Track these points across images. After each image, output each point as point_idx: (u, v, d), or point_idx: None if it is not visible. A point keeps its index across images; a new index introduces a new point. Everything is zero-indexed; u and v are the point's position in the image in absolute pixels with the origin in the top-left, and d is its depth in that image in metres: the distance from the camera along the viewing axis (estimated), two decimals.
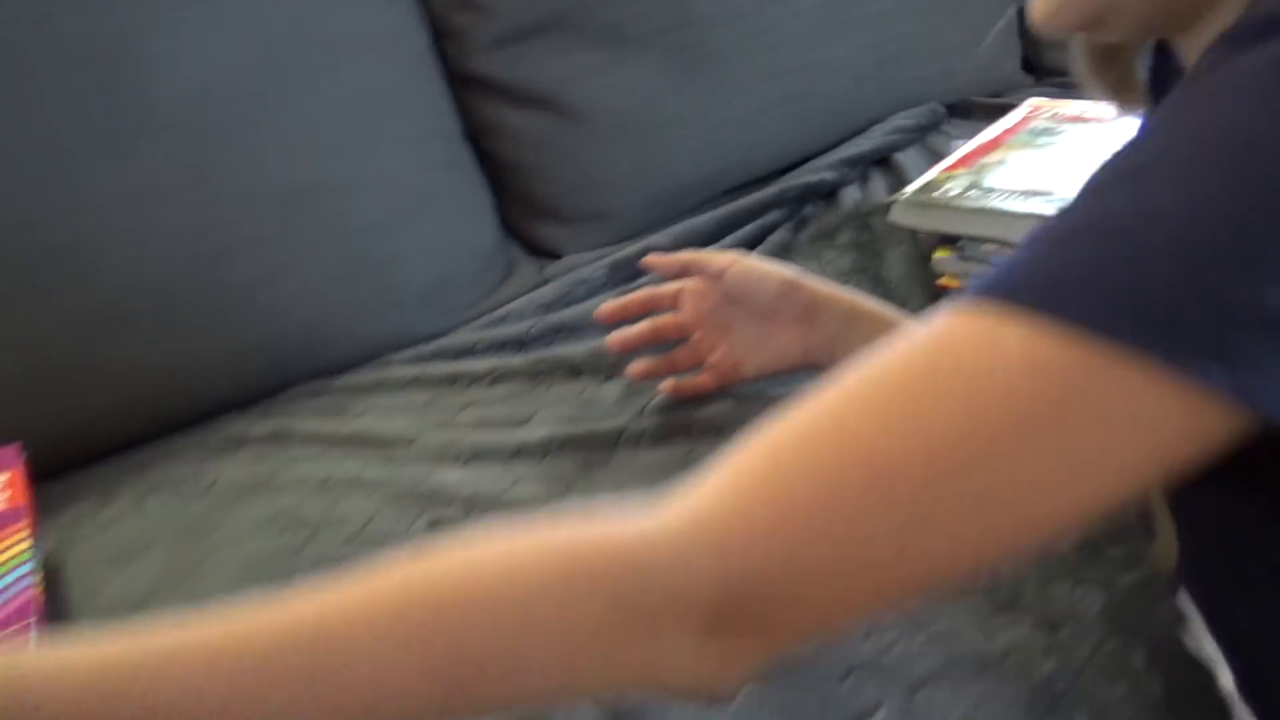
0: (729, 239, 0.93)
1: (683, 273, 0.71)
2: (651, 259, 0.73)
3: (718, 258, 0.71)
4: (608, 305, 0.72)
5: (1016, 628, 0.51)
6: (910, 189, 0.80)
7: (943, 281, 0.81)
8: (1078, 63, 0.44)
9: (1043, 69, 1.31)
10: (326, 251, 0.80)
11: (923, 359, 0.31)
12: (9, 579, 0.55)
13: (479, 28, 0.95)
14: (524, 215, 1.00)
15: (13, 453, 0.67)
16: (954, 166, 0.83)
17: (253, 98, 0.79)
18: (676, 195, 1.00)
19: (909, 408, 0.31)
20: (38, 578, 0.57)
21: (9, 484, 0.64)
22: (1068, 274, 0.29)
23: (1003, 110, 1.20)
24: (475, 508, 0.63)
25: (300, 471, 0.69)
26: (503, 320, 0.85)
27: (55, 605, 0.60)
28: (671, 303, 0.71)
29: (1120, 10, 0.36)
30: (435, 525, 0.62)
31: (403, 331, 0.83)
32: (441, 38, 0.96)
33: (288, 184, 0.79)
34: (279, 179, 0.79)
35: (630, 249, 0.91)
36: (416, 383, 0.78)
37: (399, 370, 0.80)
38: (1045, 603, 0.52)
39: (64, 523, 0.67)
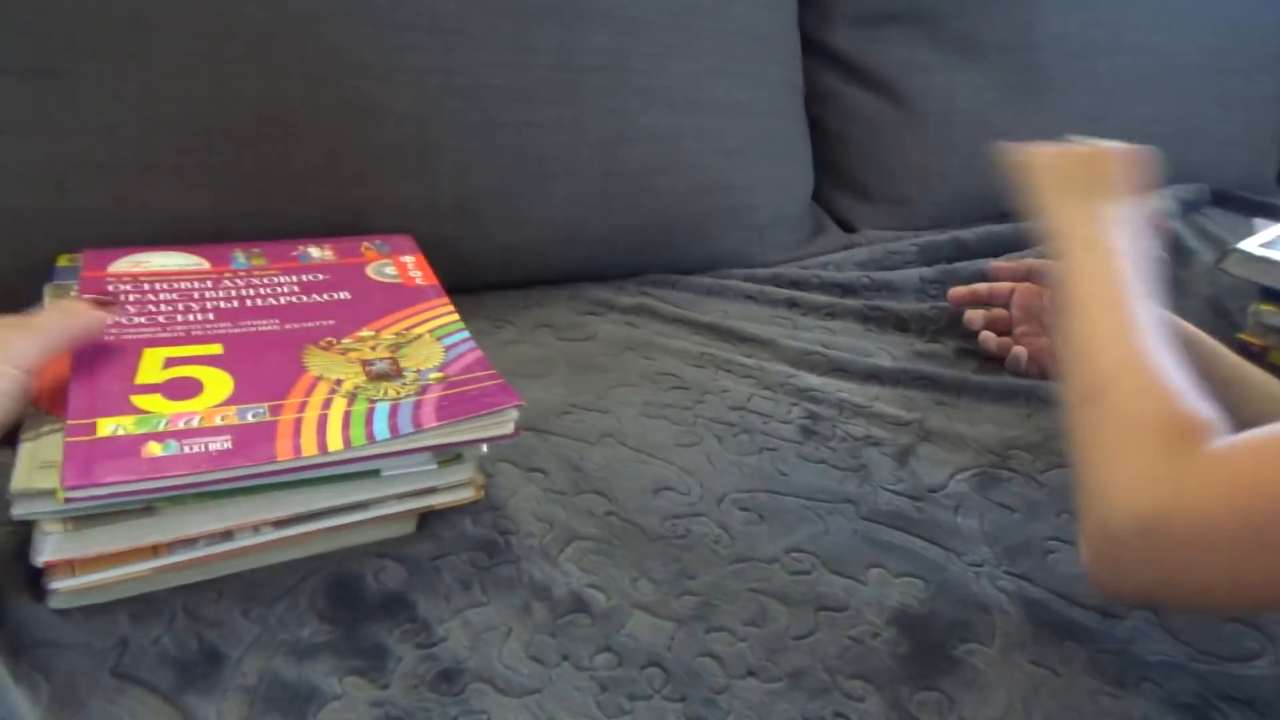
0: (1023, 252, 0.99)
1: (1026, 276, 0.80)
2: (998, 265, 0.85)
3: None
4: (958, 290, 0.83)
5: None
6: (1249, 244, 0.85)
7: (1245, 335, 0.87)
8: None
9: None
10: (699, 162, 0.87)
11: None
12: (456, 338, 0.58)
13: (842, 5, 1.02)
14: (829, 184, 1.07)
15: (410, 240, 0.71)
16: None
17: (664, 8, 0.86)
18: (973, 201, 1.07)
19: None
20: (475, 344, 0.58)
21: (418, 265, 0.67)
22: None
23: (1261, 206, 1.26)
24: (846, 410, 0.69)
25: (673, 344, 0.76)
26: (825, 266, 0.92)
27: None
28: (1006, 299, 0.82)
29: None
30: (813, 418, 0.68)
31: (740, 252, 0.90)
32: (804, 5, 1.03)
33: (682, 92, 0.86)
34: (676, 86, 0.86)
35: (940, 236, 0.98)
36: (757, 299, 0.85)
37: (738, 284, 0.86)
38: None
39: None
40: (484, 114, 0.78)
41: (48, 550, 0.43)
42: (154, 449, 0.44)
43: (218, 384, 0.49)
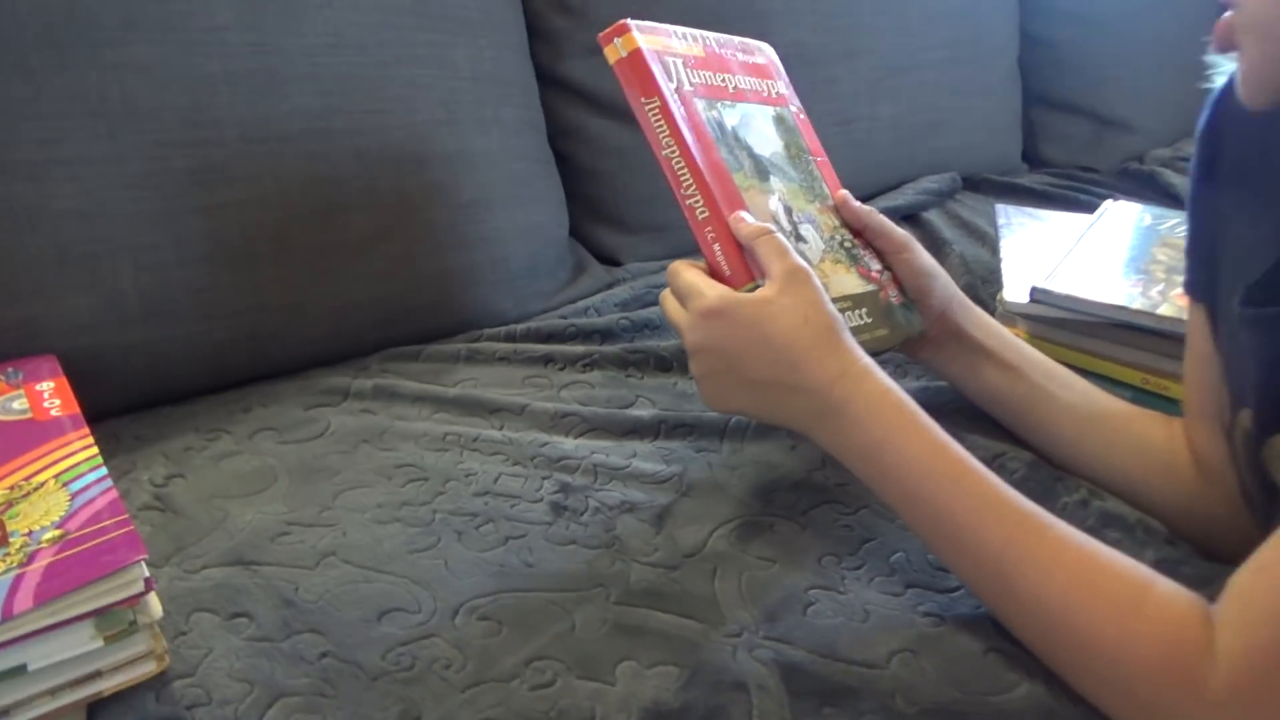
0: None
1: None
2: None
3: None
4: None
5: None
6: (1011, 291, 0.87)
7: None
8: None
9: (1037, 159, 1.44)
10: (433, 220, 0.81)
11: None
12: (87, 480, 0.50)
13: (573, 33, 0.99)
14: (587, 219, 1.03)
15: (51, 362, 0.63)
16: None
17: (375, 61, 0.80)
18: None
19: None
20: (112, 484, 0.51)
21: (56, 392, 0.59)
22: None
23: (1008, 187, 1.31)
24: (600, 476, 0.65)
25: (415, 427, 0.69)
26: (585, 312, 0.88)
27: (176, 531, 0.59)
28: None
29: None
30: (566, 489, 0.64)
31: (491, 310, 0.85)
32: (535, 37, 0.99)
33: (403, 149, 0.80)
34: (395, 142, 0.80)
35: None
36: (510, 359, 0.80)
37: (491, 345, 0.81)
38: None
39: (174, 452, 0.66)
40: (166, 201, 0.69)
41: None
42: None
43: None
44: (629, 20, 0.60)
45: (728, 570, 0.57)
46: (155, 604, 0.47)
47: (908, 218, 1.15)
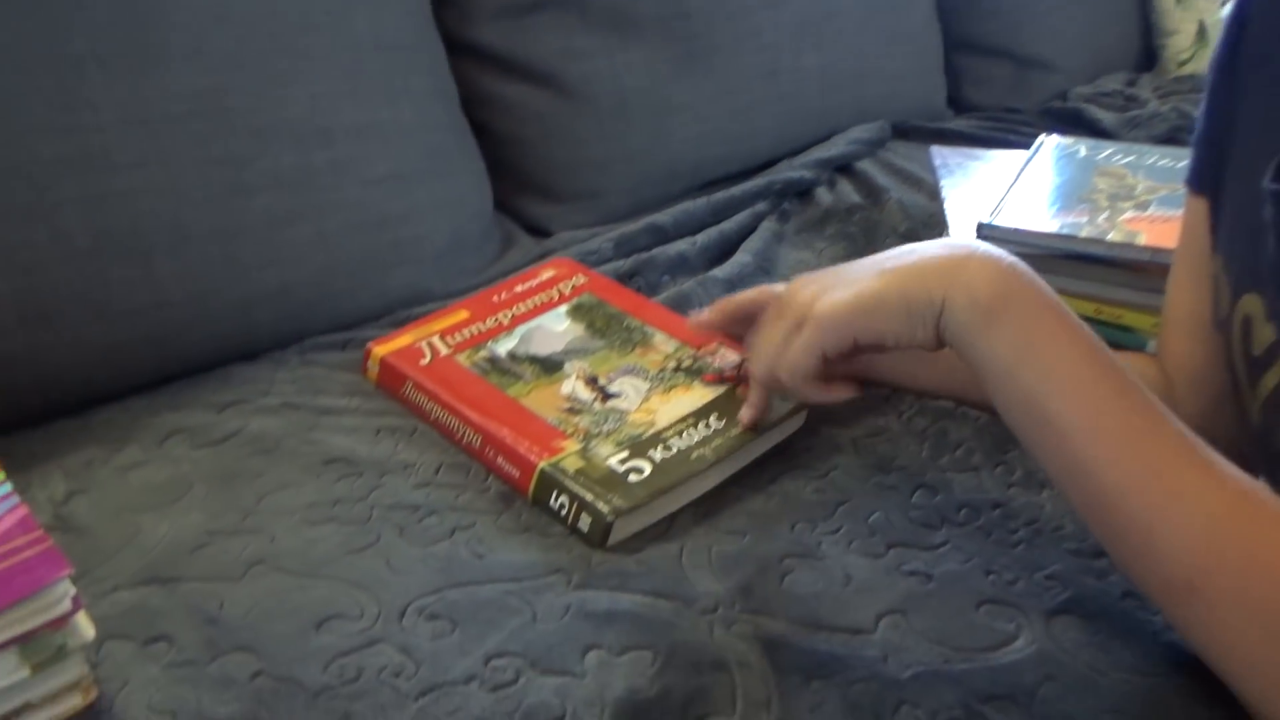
0: (725, 224, 0.95)
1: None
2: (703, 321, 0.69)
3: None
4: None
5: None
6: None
7: None
8: None
9: (962, 104, 1.43)
10: (344, 198, 0.75)
11: None
12: None
13: None
14: (512, 190, 0.98)
15: None
16: None
17: (269, 33, 0.74)
18: (664, 180, 1.01)
19: None
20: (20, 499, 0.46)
21: None
22: None
23: (937, 133, 1.29)
24: None
25: (343, 422, 0.64)
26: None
27: (81, 552, 0.52)
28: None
29: None
30: None
31: (417, 289, 0.79)
32: (441, 3, 0.93)
33: (306, 124, 0.74)
34: (297, 118, 0.74)
35: (634, 226, 0.91)
36: None
37: None
38: None
39: (73, 467, 0.59)
40: (41, 193, 0.62)
41: None
42: None
43: None
44: (369, 344, 0.68)
45: (696, 546, 0.54)
46: (86, 625, 0.42)
47: (842, 168, 1.12)
